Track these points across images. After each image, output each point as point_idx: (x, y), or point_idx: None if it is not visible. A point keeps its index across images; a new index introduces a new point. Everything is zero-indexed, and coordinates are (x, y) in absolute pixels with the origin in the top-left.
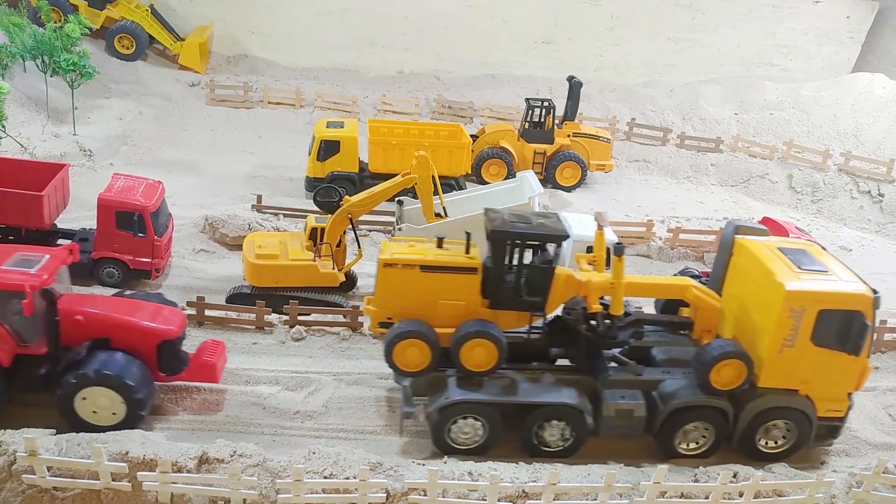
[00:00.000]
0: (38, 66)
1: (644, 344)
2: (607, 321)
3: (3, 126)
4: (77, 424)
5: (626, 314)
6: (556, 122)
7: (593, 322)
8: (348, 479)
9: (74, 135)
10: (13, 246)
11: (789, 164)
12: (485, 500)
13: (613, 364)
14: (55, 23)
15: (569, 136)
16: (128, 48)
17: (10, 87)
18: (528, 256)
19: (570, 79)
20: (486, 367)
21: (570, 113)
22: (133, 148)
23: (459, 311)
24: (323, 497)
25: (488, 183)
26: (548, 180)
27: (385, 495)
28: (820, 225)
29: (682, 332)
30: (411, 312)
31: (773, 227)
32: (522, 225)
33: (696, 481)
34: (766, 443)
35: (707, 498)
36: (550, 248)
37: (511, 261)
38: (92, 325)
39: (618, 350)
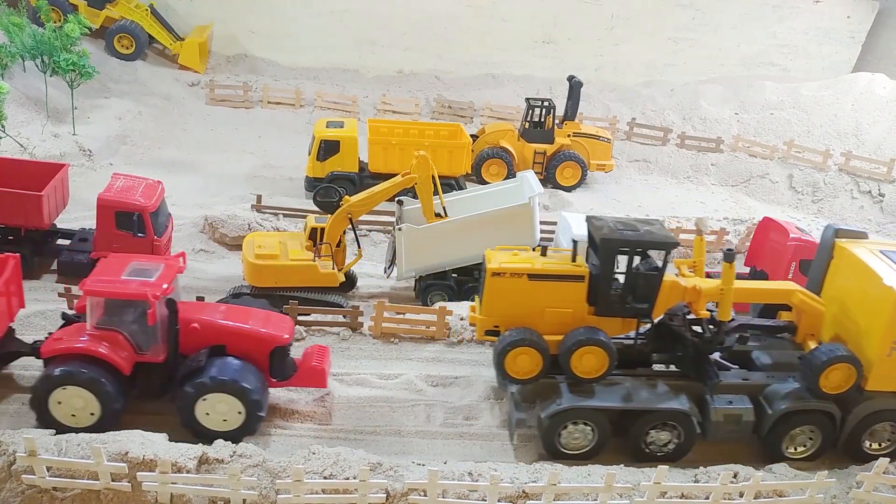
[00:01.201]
0: (37, 66)
1: (744, 348)
2: (712, 327)
3: (3, 126)
4: (198, 431)
5: (731, 319)
6: (557, 121)
7: (698, 328)
8: (348, 479)
9: (74, 135)
10: (125, 255)
11: (790, 164)
12: (485, 500)
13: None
14: (55, 23)
15: (569, 135)
16: (127, 48)
17: (10, 87)
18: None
19: (571, 78)
20: (596, 373)
21: (571, 113)
22: (133, 148)
23: (566, 318)
24: (323, 497)
25: (488, 183)
26: (548, 180)
27: (385, 495)
28: (820, 225)
29: (780, 335)
30: (518, 320)
31: (773, 227)
32: (631, 232)
33: (697, 481)
34: (871, 445)
35: (707, 498)
36: (656, 254)
37: (617, 268)
38: (208, 333)
39: (717, 354)
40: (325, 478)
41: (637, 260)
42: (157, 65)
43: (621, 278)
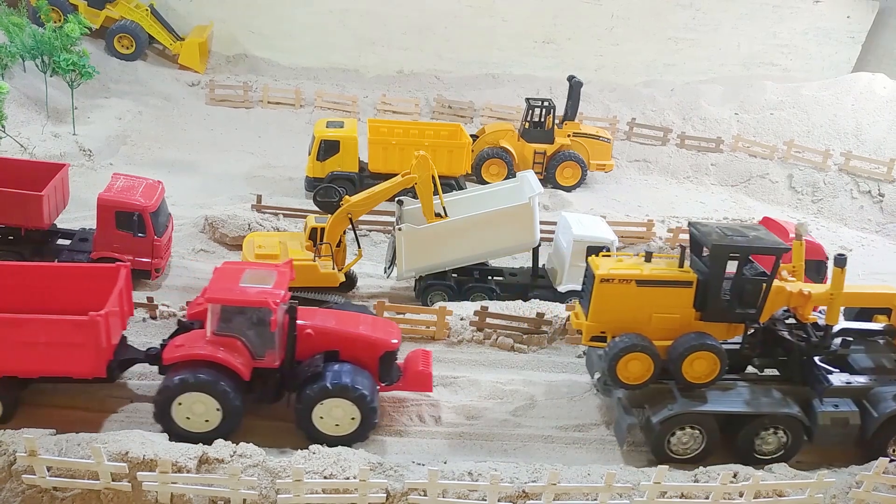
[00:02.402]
0: (37, 66)
1: (842, 351)
2: (819, 331)
3: (3, 126)
4: (314, 436)
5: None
6: (557, 121)
7: (803, 332)
8: (348, 479)
9: (74, 135)
10: (238, 263)
11: (790, 164)
12: (485, 500)
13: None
14: (55, 23)
15: (569, 135)
16: (127, 48)
17: (10, 87)
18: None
19: (571, 78)
20: (706, 378)
21: (571, 113)
22: (133, 148)
23: (673, 324)
24: (323, 497)
25: (488, 183)
26: (548, 180)
27: (385, 495)
28: (820, 225)
29: (875, 338)
30: (625, 326)
31: (773, 227)
32: (741, 238)
33: (696, 481)
34: None
35: (707, 498)
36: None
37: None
38: (321, 339)
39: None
40: (325, 478)
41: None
42: (157, 65)
43: (728, 284)
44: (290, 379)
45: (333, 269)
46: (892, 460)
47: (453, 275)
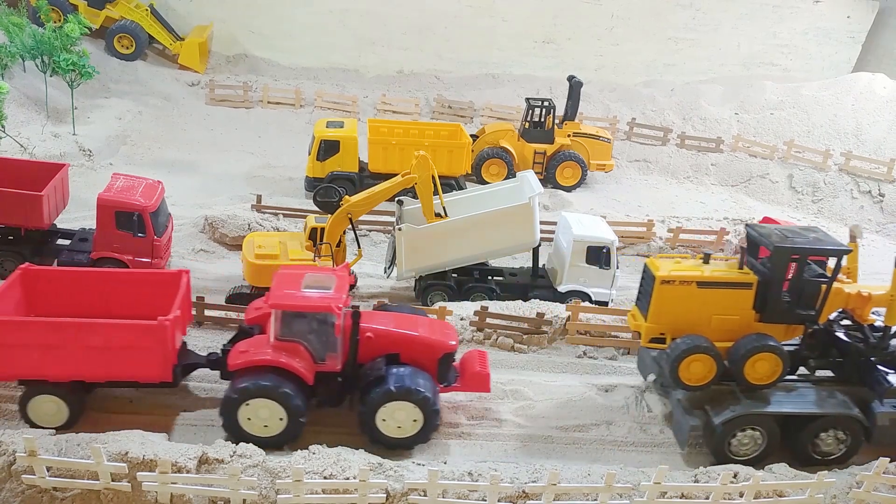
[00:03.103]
0: (37, 66)
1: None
2: (877, 332)
3: (3, 126)
4: (377, 438)
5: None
6: (557, 121)
7: (860, 334)
8: (348, 479)
9: (74, 135)
10: (296, 267)
11: (790, 164)
12: (485, 500)
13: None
14: (55, 23)
15: (569, 135)
16: (127, 48)
17: (10, 87)
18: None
19: (571, 78)
20: (768, 380)
21: (571, 113)
22: (133, 148)
23: (733, 325)
24: (323, 497)
25: (488, 183)
26: (548, 180)
27: (385, 495)
28: (820, 225)
29: None
30: (685, 328)
31: None
32: (802, 240)
33: (697, 481)
34: None
35: (707, 498)
36: (831, 261)
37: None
38: (381, 342)
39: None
40: (325, 478)
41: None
42: (157, 65)
43: (785, 285)
44: (351, 382)
45: (333, 268)
46: None
47: (453, 275)
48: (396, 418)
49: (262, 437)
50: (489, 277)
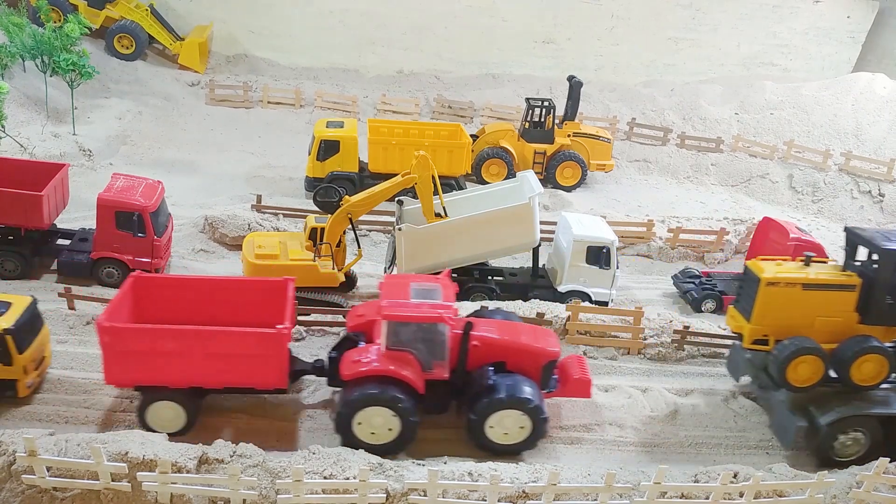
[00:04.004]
0: (37, 66)
1: None
2: None
3: (3, 126)
4: (486, 446)
5: None
6: (557, 121)
7: None
8: (348, 479)
9: (74, 135)
10: (401, 276)
11: (790, 164)
12: (485, 500)
13: None
14: (55, 23)
15: (569, 135)
16: (127, 48)
17: (10, 87)
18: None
19: (571, 78)
20: (873, 381)
21: (571, 113)
22: (133, 148)
23: (835, 327)
24: (323, 497)
25: (488, 183)
26: (548, 180)
27: (385, 495)
28: (820, 225)
29: None
30: (789, 330)
31: (773, 227)
32: None
33: (697, 481)
34: None
35: (707, 498)
36: None
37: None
38: (487, 350)
39: None
40: (325, 478)
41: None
42: (157, 65)
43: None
44: (460, 390)
45: (333, 269)
46: None
47: (453, 275)
48: (504, 425)
49: (374, 445)
50: (489, 277)
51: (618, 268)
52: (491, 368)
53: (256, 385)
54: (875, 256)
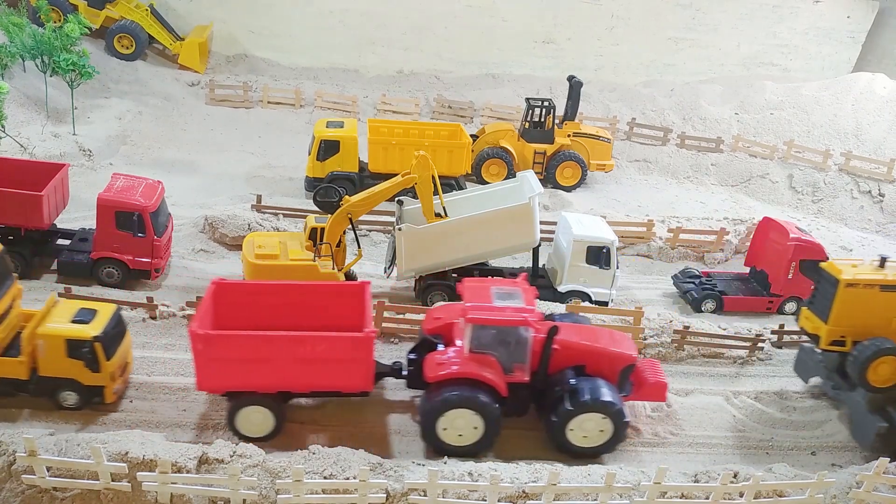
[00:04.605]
0: (37, 66)
1: None
2: None
3: (3, 126)
4: (566, 448)
5: None
6: (557, 121)
7: None
8: (348, 479)
9: (74, 135)
10: (481, 280)
11: (790, 164)
12: (485, 500)
13: None
14: (55, 22)
15: (569, 135)
16: (127, 48)
17: (10, 87)
18: None
19: (571, 78)
20: (888, 384)
21: (571, 113)
22: (133, 148)
23: None
24: (323, 497)
25: (488, 183)
26: (548, 180)
27: (385, 495)
28: (820, 225)
29: None
30: (865, 331)
31: (773, 227)
32: None
33: (697, 481)
34: None
35: (707, 498)
36: None
37: None
38: (567, 353)
39: None
40: (325, 478)
41: None
42: (157, 65)
43: None
44: (540, 393)
45: (333, 269)
46: None
47: (453, 275)
48: (584, 428)
49: (457, 447)
50: (489, 277)
51: (618, 268)
52: (571, 371)
53: (343, 388)
54: None
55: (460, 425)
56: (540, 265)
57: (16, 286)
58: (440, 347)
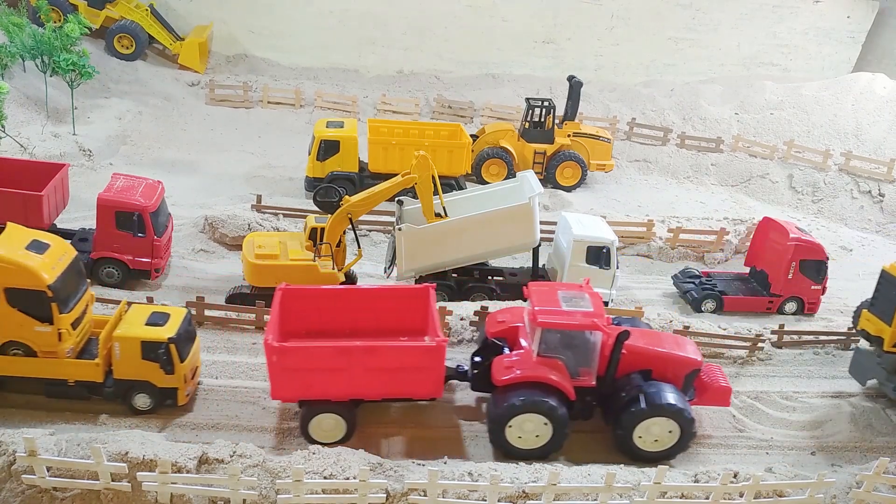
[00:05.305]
0: (37, 66)
1: None
2: None
3: (3, 126)
4: (634, 453)
5: None
6: (557, 121)
7: None
8: (348, 479)
9: (74, 135)
10: (547, 284)
11: (790, 164)
12: (485, 500)
13: None
14: (55, 22)
15: (569, 135)
16: (127, 48)
17: (10, 87)
18: None
19: (571, 78)
20: None
21: (571, 113)
22: (133, 148)
23: None
24: (323, 497)
25: (488, 183)
26: (548, 180)
27: (385, 495)
28: (820, 225)
29: None
30: None
31: (773, 227)
32: None
33: (697, 481)
34: None
35: (707, 498)
36: None
37: None
38: (634, 358)
39: None
40: (325, 478)
41: None
42: (157, 65)
43: None
44: (607, 397)
45: (333, 269)
46: None
47: (453, 275)
48: (651, 432)
49: (525, 450)
50: (489, 277)
51: (618, 268)
52: (639, 376)
53: (414, 395)
54: None
55: (529, 429)
56: (540, 265)
57: (90, 291)
58: (506, 351)
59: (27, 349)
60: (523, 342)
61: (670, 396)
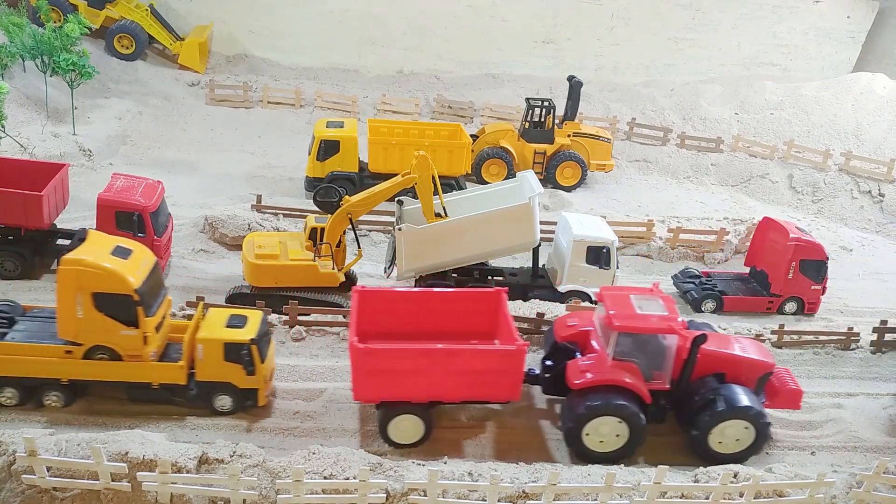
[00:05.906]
0: (37, 66)
1: None
2: None
3: (3, 126)
4: (706, 454)
5: None
6: (557, 121)
7: None
8: (348, 479)
9: (74, 135)
10: (619, 288)
11: (790, 164)
12: (485, 500)
13: None
14: (55, 22)
15: (569, 135)
16: (127, 48)
17: (10, 87)
18: None
19: (571, 78)
20: None
21: (571, 113)
22: (133, 148)
23: None
24: (323, 497)
25: (488, 183)
26: (548, 180)
27: (385, 495)
28: (820, 225)
29: None
30: None
31: (773, 227)
32: None
33: (697, 481)
34: None
35: (707, 498)
36: None
37: None
38: (707, 361)
39: None
40: (325, 478)
41: None
42: (157, 65)
43: None
44: (681, 400)
45: (333, 269)
46: None
47: (453, 275)
48: (726, 435)
49: (601, 453)
50: (489, 277)
51: (618, 268)
52: (714, 379)
53: (492, 398)
54: None
55: (605, 432)
56: (540, 265)
57: (168, 297)
58: (578, 355)
59: (112, 353)
60: (595, 345)
61: (748, 399)
